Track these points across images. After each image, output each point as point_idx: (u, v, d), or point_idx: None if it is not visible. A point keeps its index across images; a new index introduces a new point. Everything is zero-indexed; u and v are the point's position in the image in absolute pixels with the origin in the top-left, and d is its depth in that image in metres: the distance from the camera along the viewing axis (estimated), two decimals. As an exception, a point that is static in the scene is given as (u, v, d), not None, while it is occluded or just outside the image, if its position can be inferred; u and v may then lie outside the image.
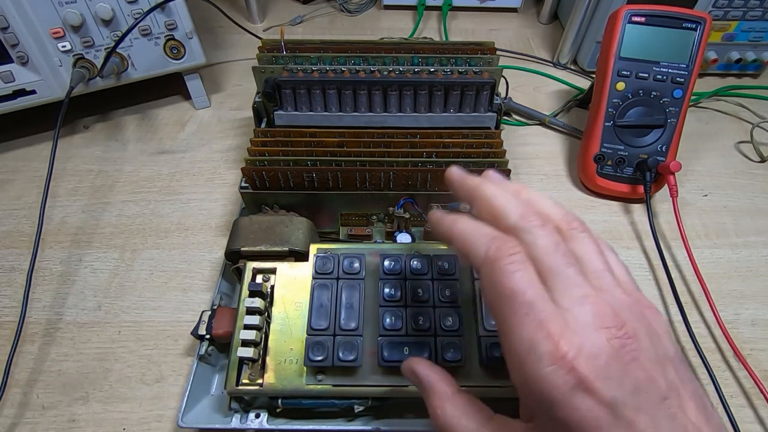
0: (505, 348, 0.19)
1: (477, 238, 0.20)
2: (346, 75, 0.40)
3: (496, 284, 0.18)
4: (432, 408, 0.22)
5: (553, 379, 0.17)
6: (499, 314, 0.19)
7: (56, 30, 0.44)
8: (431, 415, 0.22)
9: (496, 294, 0.19)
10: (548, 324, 0.17)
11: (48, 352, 0.36)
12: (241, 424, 0.30)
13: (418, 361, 0.24)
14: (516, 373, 0.18)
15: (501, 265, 0.19)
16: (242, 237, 0.35)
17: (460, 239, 0.21)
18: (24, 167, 0.50)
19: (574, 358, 0.17)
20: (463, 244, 0.21)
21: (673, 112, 0.45)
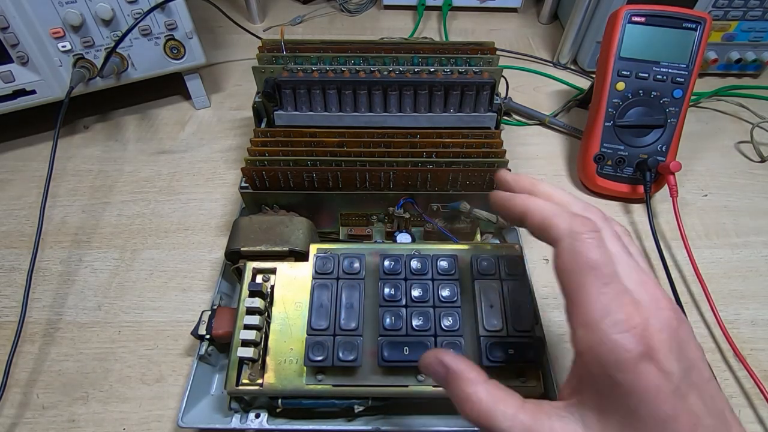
0: (575, 314, 0.20)
1: (559, 213, 0.22)
2: (346, 75, 0.40)
3: (581, 254, 0.20)
4: (465, 395, 0.21)
5: (625, 344, 0.18)
6: (576, 282, 0.20)
7: (56, 30, 0.44)
8: (464, 404, 0.22)
9: (578, 263, 0.20)
10: (623, 296, 0.19)
11: (48, 352, 0.36)
12: (241, 424, 0.30)
13: (442, 350, 0.24)
14: (584, 338, 0.19)
15: (586, 238, 0.20)
16: (242, 237, 0.35)
17: (538, 212, 0.22)
18: (24, 167, 0.50)
19: (645, 328, 0.18)
20: (542, 217, 0.22)
21: (673, 112, 0.45)
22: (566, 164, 0.51)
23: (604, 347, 0.18)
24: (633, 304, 0.19)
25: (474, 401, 0.21)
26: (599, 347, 0.18)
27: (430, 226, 0.39)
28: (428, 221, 0.39)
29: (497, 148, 0.39)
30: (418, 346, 0.29)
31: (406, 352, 0.29)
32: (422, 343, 0.29)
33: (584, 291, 0.20)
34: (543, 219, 0.22)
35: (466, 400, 0.21)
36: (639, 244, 0.44)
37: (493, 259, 0.33)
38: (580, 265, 0.20)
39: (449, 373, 0.23)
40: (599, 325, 0.19)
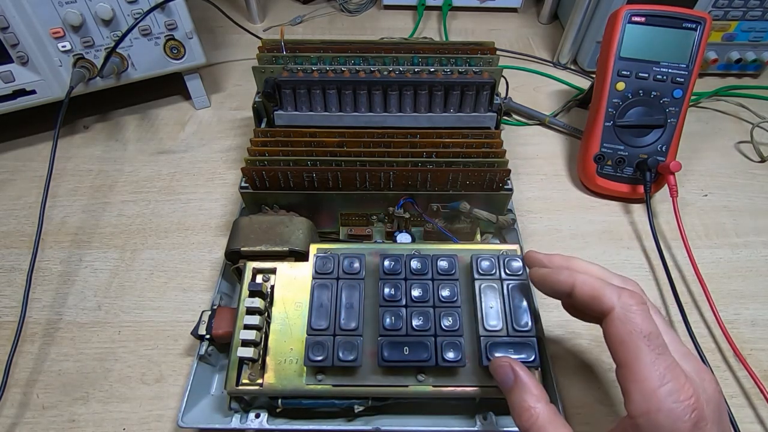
0: (631, 380, 0.22)
1: (606, 286, 0.24)
2: (346, 75, 0.40)
3: (635, 324, 0.22)
4: (526, 406, 0.23)
5: (681, 414, 0.20)
6: (631, 350, 0.22)
7: (56, 30, 0.44)
8: (521, 413, 0.23)
9: (631, 333, 0.22)
10: (676, 367, 0.21)
11: (48, 352, 0.36)
12: (241, 424, 0.30)
13: (516, 360, 0.27)
14: (641, 403, 0.21)
15: (636, 310, 0.23)
16: (242, 237, 0.35)
17: (588, 286, 0.25)
18: (24, 167, 0.50)
19: (697, 399, 0.20)
20: (592, 289, 0.24)
21: (673, 112, 0.45)
22: (566, 164, 0.51)
23: (662, 414, 0.20)
24: (684, 375, 0.21)
25: (532, 414, 0.23)
26: (656, 414, 0.20)
27: (430, 226, 0.39)
28: (428, 221, 0.39)
29: (497, 148, 0.39)
30: (418, 346, 0.29)
31: (406, 352, 0.29)
32: (422, 343, 0.29)
33: (640, 360, 0.22)
34: (593, 291, 0.24)
35: (525, 411, 0.23)
36: (641, 245, 0.44)
37: (493, 259, 0.33)
38: (634, 335, 0.22)
39: (517, 381, 0.25)
40: (656, 393, 0.21)
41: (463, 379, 0.29)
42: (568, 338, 0.38)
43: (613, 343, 0.23)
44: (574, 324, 0.38)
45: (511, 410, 0.25)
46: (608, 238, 0.44)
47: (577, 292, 0.25)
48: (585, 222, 0.46)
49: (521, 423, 0.23)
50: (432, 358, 0.29)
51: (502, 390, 0.26)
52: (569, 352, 0.37)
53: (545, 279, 0.27)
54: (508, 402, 0.25)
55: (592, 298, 0.24)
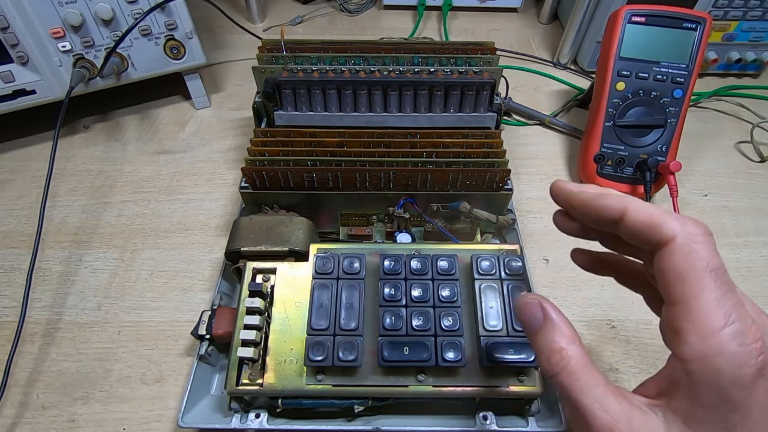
0: (687, 319, 0.19)
1: (667, 212, 0.20)
2: (346, 75, 0.40)
3: (700, 256, 0.19)
4: (556, 348, 0.20)
5: (746, 358, 0.17)
6: (694, 285, 0.19)
7: (56, 30, 0.44)
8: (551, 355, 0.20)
9: (695, 265, 0.19)
10: (742, 308, 0.18)
11: (48, 352, 0.36)
12: (241, 424, 0.30)
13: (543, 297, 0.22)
14: (698, 345, 0.18)
15: (707, 240, 0.19)
16: (242, 237, 0.35)
17: (643, 210, 0.21)
18: (24, 167, 0.50)
19: (764, 344, 0.17)
20: (649, 215, 0.21)
21: (673, 112, 0.45)
22: (566, 164, 0.51)
23: (723, 358, 0.17)
24: (751, 317, 0.18)
25: (563, 357, 0.20)
26: (717, 357, 0.17)
27: (430, 226, 0.39)
28: (428, 221, 0.39)
29: (497, 148, 0.39)
30: (418, 346, 0.29)
31: (406, 352, 0.29)
32: (422, 343, 0.29)
33: (702, 296, 0.18)
34: (651, 218, 0.20)
35: (556, 353, 0.20)
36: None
37: (493, 259, 0.33)
38: (697, 269, 0.19)
39: (547, 320, 0.21)
40: (719, 334, 0.18)
41: (463, 379, 0.29)
42: (568, 338, 0.38)
43: (668, 278, 0.19)
44: (575, 324, 0.38)
45: (537, 355, 0.21)
46: (608, 238, 0.44)
47: (630, 218, 0.21)
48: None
49: (550, 367, 0.20)
50: (432, 358, 0.29)
51: (528, 334, 0.22)
52: (569, 352, 0.37)
53: (589, 204, 0.23)
54: (534, 345, 0.21)
55: (650, 225, 0.20)
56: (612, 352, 0.37)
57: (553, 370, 0.20)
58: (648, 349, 0.37)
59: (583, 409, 0.19)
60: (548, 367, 0.20)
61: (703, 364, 0.18)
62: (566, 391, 0.19)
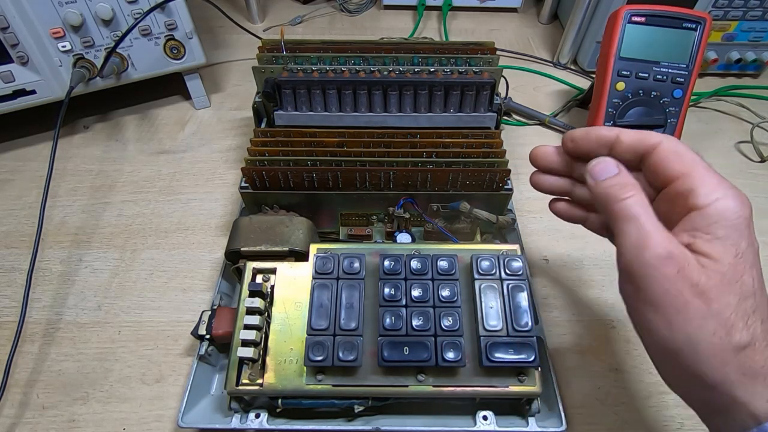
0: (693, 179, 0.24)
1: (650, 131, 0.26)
2: (346, 75, 0.40)
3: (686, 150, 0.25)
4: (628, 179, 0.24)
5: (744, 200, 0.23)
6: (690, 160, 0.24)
7: (56, 30, 0.44)
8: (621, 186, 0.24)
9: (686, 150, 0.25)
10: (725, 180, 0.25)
11: (48, 352, 0.36)
12: (241, 424, 0.30)
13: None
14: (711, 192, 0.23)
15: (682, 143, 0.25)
16: (242, 237, 0.35)
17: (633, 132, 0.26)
18: (24, 167, 0.50)
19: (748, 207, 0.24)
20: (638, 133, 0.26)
21: (673, 112, 0.45)
22: (566, 164, 0.51)
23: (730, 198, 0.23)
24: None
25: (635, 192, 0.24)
26: (725, 199, 0.23)
27: (430, 226, 0.39)
28: (428, 221, 0.39)
29: (497, 148, 0.38)
30: (418, 346, 0.29)
31: (406, 352, 0.29)
32: (422, 343, 0.29)
33: (700, 165, 0.24)
34: (639, 134, 0.25)
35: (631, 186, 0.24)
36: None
37: (493, 259, 0.33)
38: (689, 152, 0.25)
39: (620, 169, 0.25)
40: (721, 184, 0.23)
41: (463, 379, 0.29)
42: (568, 338, 0.38)
43: (666, 162, 0.24)
44: (575, 324, 0.39)
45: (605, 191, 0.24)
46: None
47: (623, 138, 0.26)
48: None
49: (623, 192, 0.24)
50: (432, 358, 0.29)
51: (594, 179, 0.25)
52: (569, 352, 0.37)
53: (588, 133, 0.27)
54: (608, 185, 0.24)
55: (639, 140, 0.25)
56: (612, 352, 0.37)
57: (626, 194, 0.24)
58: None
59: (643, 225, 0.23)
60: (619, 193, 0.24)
61: (717, 204, 0.23)
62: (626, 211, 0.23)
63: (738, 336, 0.21)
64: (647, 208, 0.23)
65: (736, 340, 0.21)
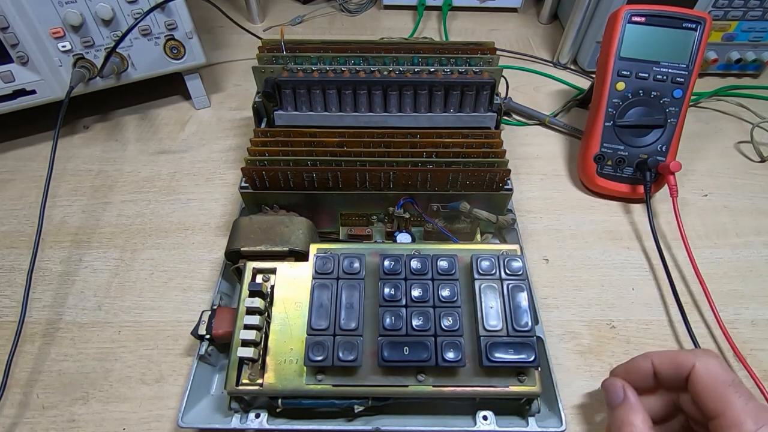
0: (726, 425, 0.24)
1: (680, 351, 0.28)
2: (346, 75, 0.40)
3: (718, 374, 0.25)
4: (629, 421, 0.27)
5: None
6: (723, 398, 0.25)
7: (56, 30, 0.44)
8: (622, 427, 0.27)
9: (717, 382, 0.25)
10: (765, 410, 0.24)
11: (48, 352, 0.36)
12: (241, 424, 0.30)
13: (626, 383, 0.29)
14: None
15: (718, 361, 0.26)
16: (242, 237, 0.35)
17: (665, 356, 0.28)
18: (24, 167, 0.50)
19: None
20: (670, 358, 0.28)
21: (673, 112, 0.45)
22: (566, 164, 0.51)
23: None
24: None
25: (634, 426, 0.26)
26: None
27: (430, 226, 0.39)
28: (428, 221, 0.39)
29: (497, 148, 0.39)
30: (418, 346, 0.29)
31: (406, 352, 0.29)
32: (422, 343, 0.29)
33: (732, 406, 0.24)
34: (671, 359, 0.28)
35: (627, 426, 0.26)
36: (641, 245, 0.44)
37: (493, 259, 0.33)
38: (720, 385, 0.25)
39: (626, 400, 0.28)
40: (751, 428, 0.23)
41: (463, 379, 0.29)
42: (568, 338, 0.38)
43: (702, 397, 0.25)
44: (575, 324, 0.39)
45: (612, 423, 0.28)
46: (608, 238, 0.44)
47: (658, 367, 0.28)
48: (585, 222, 0.46)
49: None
50: (432, 358, 0.29)
51: (609, 407, 0.29)
52: (569, 352, 0.37)
53: (627, 369, 0.30)
54: (612, 416, 0.28)
55: (674, 365, 0.27)
56: (612, 352, 0.37)
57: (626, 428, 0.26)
58: (648, 349, 0.37)
59: None
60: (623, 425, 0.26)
61: None
62: None
63: None
64: None
65: None
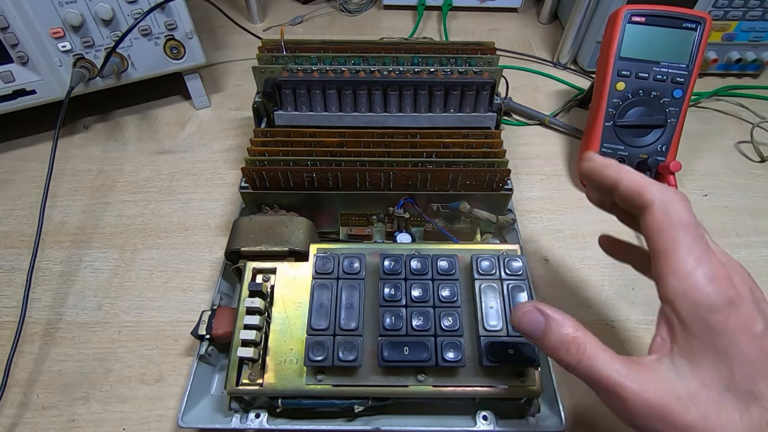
0: (667, 265, 0.22)
1: (653, 182, 0.24)
2: (346, 75, 0.40)
3: (675, 215, 0.23)
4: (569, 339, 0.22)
5: (717, 290, 0.21)
6: (671, 240, 0.22)
7: (56, 30, 0.44)
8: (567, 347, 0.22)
9: (671, 223, 0.23)
10: (711, 253, 0.22)
11: (48, 352, 0.36)
12: (241, 424, 0.30)
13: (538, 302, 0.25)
14: (677, 285, 0.22)
15: (680, 202, 0.23)
16: (242, 237, 0.35)
17: (632, 179, 0.25)
18: (24, 167, 0.50)
19: (731, 281, 0.21)
20: (637, 183, 0.24)
21: (673, 112, 0.45)
22: (566, 164, 0.51)
23: (699, 292, 0.21)
24: (719, 260, 0.22)
25: (579, 345, 0.22)
26: (693, 292, 0.21)
27: (430, 226, 0.39)
28: (428, 221, 0.39)
29: (497, 148, 0.38)
30: (418, 346, 0.29)
31: (406, 352, 0.29)
32: (422, 343, 0.29)
33: (676, 245, 0.22)
34: (637, 186, 0.24)
35: (571, 343, 0.22)
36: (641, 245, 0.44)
37: (493, 259, 0.33)
38: (674, 224, 0.22)
39: (549, 320, 0.23)
40: (693, 272, 0.21)
41: (463, 379, 0.29)
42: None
43: (651, 234, 0.23)
44: (574, 324, 0.38)
45: (553, 353, 0.23)
46: (608, 238, 0.44)
47: (621, 186, 0.25)
48: (585, 222, 0.46)
49: (571, 358, 0.22)
50: (432, 358, 0.29)
51: (535, 340, 0.24)
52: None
53: (592, 172, 0.27)
54: (545, 347, 0.23)
55: (636, 192, 0.24)
56: (612, 352, 0.37)
57: (575, 359, 0.22)
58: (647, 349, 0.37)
59: (613, 386, 0.21)
60: (569, 359, 0.22)
61: (684, 299, 0.21)
62: (592, 375, 0.22)
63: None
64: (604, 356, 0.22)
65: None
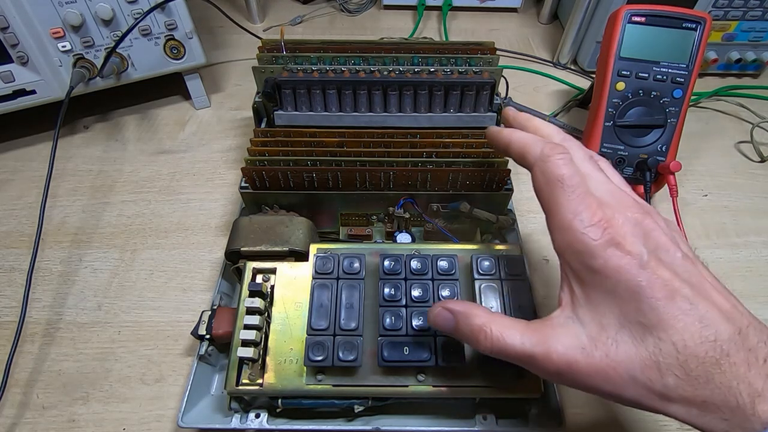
0: (551, 224, 0.23)
1: (534, 142, 0.25)
2: (346, 75, 0.40)
3: (550, 173, 0.23)
4: (477, 328, 0.24)
5: (592, 235, 0.21)
6: (550, 196, 0.23)
7: (56, 30, 0.44)
8: (477, 336, 0.23)
9: (548, 181, 0.23)
10: (588, 199, 0.22)
11: (48, 352, 0.36)
12: (241, 424, 0.30)
13: (445, 300, 0.27)
14: (561, 239, 0.23)
15: (554, 159, 0.24)
16: (242, 237, 0.35)
17: (519, 142, 0.26)
18: (24, 167, 0.50)
19: (608, 222, 0.22)
20: (522, 146, 0.25)
21: (673, 112, 0.45)
22: (566, 164, 0.51)
23: (577, 241, 0.22)
24: (597, 204, 0.22)
25: (486, 331, 0.23)
26: (573, 243, 0.22)
27: (430, 226, 0.39)
28: (428, 221, 0.39)
29: (497, 148, 0.38)
30: (418, 346, 0.29)
31: (406, 352, 0.29)
32: (422, 343, 0.29)
33: (555, 201, 0.23)
34: (521, 148, 0.25)
35: (479, 332, 0.23)
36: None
37: (493, 259, 0.33)
38: (550, 182, 0.23)
39: (457, 315, 0.25)
40: (571, 224, 0.22)
41: (463, 379, 0.29)
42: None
43: (537, 195, 0.24)
44: (574, 324, 0.38)
45: (469, 344, 0.25)
46: (608, 238, 0.44)
47: (511, 150, 0.26)
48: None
49: (483, 345, 0.23)
50: (432, 358, 0.29)
51: (453, 334, 0.25)
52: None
53: (490, 137, 0.28)
54: (461, 339, 0.26)
55: (520, 155, 0.25)
56: (612, 352, 0.37)
57: (487, 344, 0.23)
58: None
59: (525, 356, 0.22)
60: (483, 345, 0.23)
61: (569, 251, 0.22)
62: (506, 352, 0.23)
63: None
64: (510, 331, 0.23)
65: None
